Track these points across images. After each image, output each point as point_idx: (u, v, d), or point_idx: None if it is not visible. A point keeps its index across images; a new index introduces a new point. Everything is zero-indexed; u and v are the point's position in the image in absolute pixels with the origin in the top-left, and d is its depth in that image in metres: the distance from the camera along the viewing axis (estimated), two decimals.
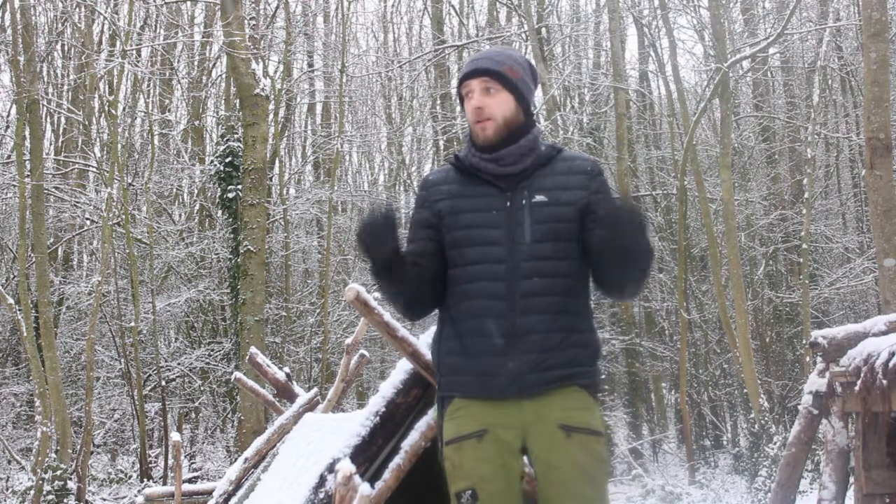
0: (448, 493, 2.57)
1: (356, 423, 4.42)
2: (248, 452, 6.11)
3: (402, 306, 2.60)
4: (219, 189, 16.35)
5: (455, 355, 2.54)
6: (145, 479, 15.08)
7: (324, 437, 4.98)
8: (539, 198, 2.52)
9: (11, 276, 18.29)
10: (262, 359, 6.45)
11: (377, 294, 4.75)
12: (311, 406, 6.07)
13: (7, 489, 15.47)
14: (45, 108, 18.48)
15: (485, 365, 2.47)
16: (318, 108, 24.37)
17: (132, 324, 15.61)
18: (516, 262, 2.48)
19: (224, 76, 21.43)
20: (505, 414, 2.48)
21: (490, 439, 2.48)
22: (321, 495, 4.26)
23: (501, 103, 2.58)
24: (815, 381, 5.77)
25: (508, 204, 2.53)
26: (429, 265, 2.55)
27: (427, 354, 4.41)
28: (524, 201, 2.53)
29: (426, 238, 2.59)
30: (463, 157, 2.63)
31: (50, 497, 12.97)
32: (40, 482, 13.08)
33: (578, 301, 2.53)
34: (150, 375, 17.22)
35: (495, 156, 2.56)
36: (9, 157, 18.45)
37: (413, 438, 4.35)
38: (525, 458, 2.56)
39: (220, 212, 17.58)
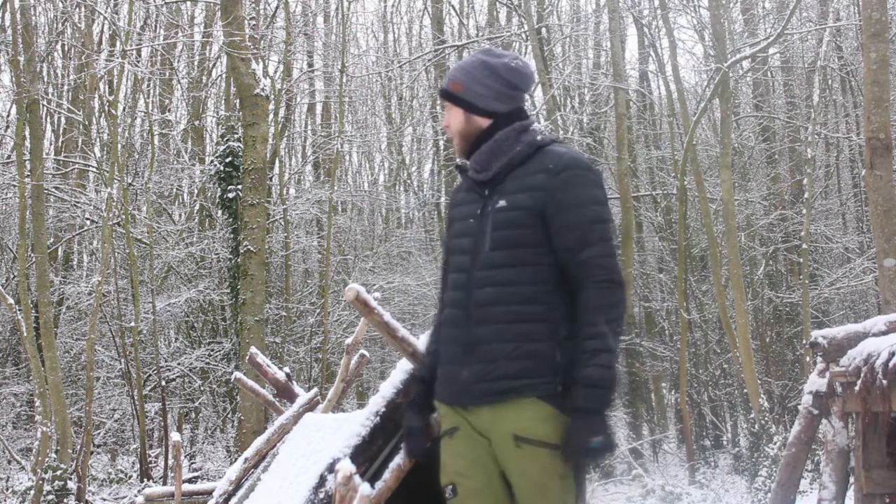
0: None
1: (356, 423, 4.41)
2: (248, 452, 6.10)
3: None
4: (219, 189, 16.35)
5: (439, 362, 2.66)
6: (145, 479, 15.08)
7: (324, 437, 4.98)
8: (501, 203, 2.48)
9: (11, 276, 18.29)
10: (262, 359, 6.44)
11: (377, 294, 4.76)
12: (311, 406, 6.06)
13: (7, 489, 15.47)
14: (45, 108, 18.47)
15: (448, 372, 2.55)
16: (318, 108, 24.36)
17: (132, 324, 15.61)
18: (474, 271, 2.47)
19: (224, 76, 21.43)
20: (469, 417, 2.53)
21: (461, 436, 2.52)
22: (321, 495, 4.26)
23: (453, 118, 2.63)
24: (815, 381, 5.77)
25: (479, 211, 2.52)
26: None
27: None
28: (489, 208, 2.50)
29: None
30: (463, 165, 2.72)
31: (50, 497, 12.97)
32: (40, 482, 13.08)
33: (539, 308, 2.42)
34: (150, 375, 17.22)
35: (465, 164, 2.64)
36: (9, 157, 18.44)
37: None
38: None
39: (220, 212, 17.58)
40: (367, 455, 4.32)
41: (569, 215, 2.42)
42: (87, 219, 19.09)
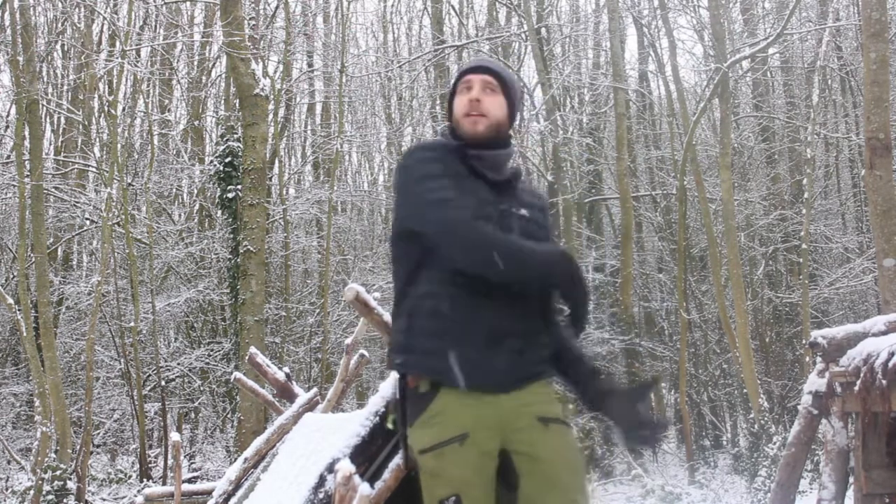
0: None
1: (356, 423, 4.42)
2: (248, 452, 6.11)
3: None
4: (218, 189, 16.35)
5: (437, 339, 2.50)
6: (145, 479, 15.08)
7: (324, 437, 4.98)
8: (523, 212, 2.58)
9: (11, 276, 18.29)
10: (261, 359, 6.45)
11: (377, 294, 4.76)
12: (310, 406, 6.06)
13: (7, 489, 15.48)
14: (44, 108, 18.48)
15: (478, 355, 2.50)
16: (318, 108, 24.37)
17: (132, 324, 15.61)
18: None
19: (224, 76, 21.44)
20: (484, 414, 2.46)
21: (471, 443, 2.45)
22: (321, 495, 4.26)
23: (499, 105, 2.58)
24: (814, 381, 5.77)
25: (502, 207, 2.54)
26: None
27: None
28: (512, 210, 2.56)
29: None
30: (459, 146, 2.56)
31: (50, 497, 12.97)
32: (40, 482, 13.08)
33: (541, 315, 2.59)
34: (149, 375, 17.22)
35: (479, 154, 2.53)
36: (8, 157, 18.45)
37: None
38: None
39: (219, 212, 17.58)
40: (367, 455, 4.33)
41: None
42: (87, 219, 19.09)
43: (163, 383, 16.42)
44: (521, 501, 2.51)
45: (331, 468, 4.21)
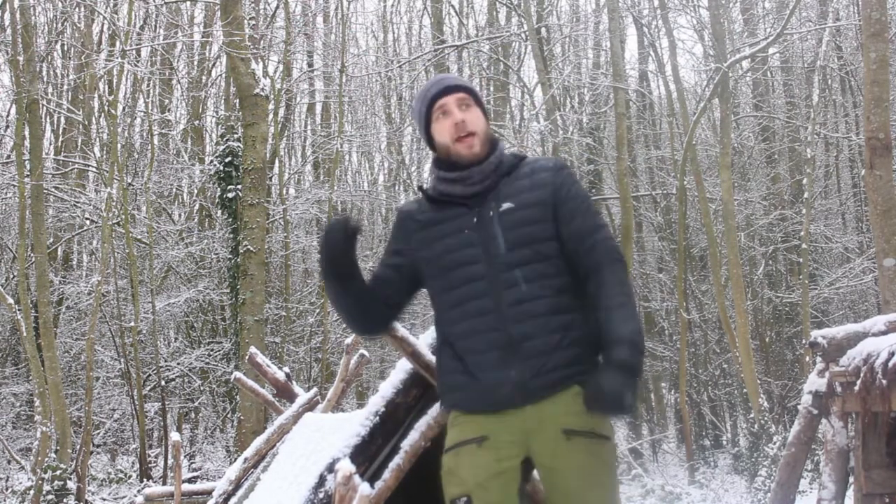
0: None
1: (356, 423, 4.41)
2: (248, 452, 6.11)
3: (345, 315, 2.68)
4: (218, 189, 16.35)
5: (455, 373, 2.52)
6: (145, 479, 15.09)
7: (324, 437, 4.98)
8: (506, 205, 2.51)
9: (11, 276, 18.29)
10: (261, 359, 6.45)
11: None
12: (310, 406, 6.06)
13: (7, 489, 15.48)
14: (44, 108, 18.48)
15: (486, 380, 2.45)
16: (318, 108, 24.37)
17: (132, 324, 15.61)
18: (496, 274, 2.46)
19: (224, 76, 21.44)
20: (506, 423, 2.45)
21: (489, 446, 2.45)
22: (321, 495, 4.26)
23: (478, 118, 2.59)
24: (814, 381, 5.77)
25: (475, 220, 2.51)
26: (384, 291, 2.63)
27: (427, 354, 4.41)
28: (491, 213, 2.51)
29: (391, 265, 2.64)
30: (430, 188, 2.63)
31: (50, 497, 12.97)
32: (40, 482, 13.08)
33: (572, 297, 2.48)
34: (149, 375, 17.22)
35: (464, 174, 2.54)
36: (8, 157, 18.45)
37: (413, 438, 4.35)
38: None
39: (219, 212, 17.59)
40: (367, 455, 4.32)
41: (576, 203, 2.53)
42: (87, 219, 19.09)
43: (163, 383, 16.42)
44: None
45: (331, 468, 4.21)
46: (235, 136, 16.01)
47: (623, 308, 2.39)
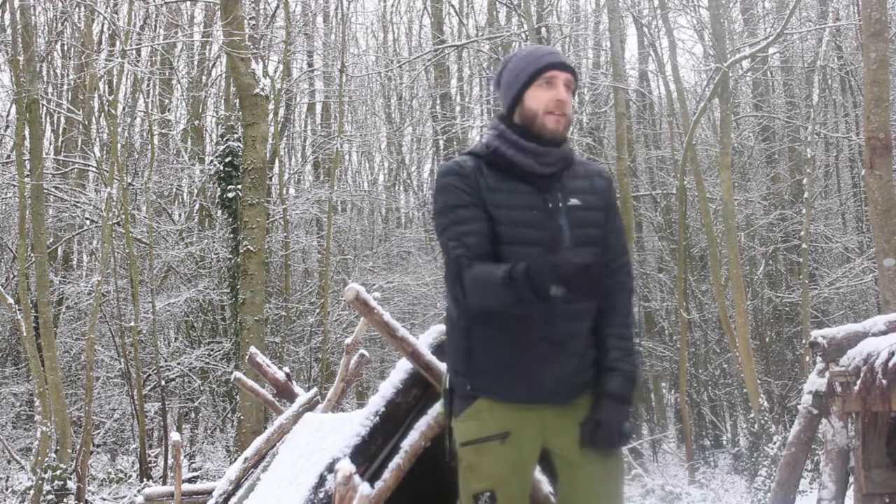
0: (450, 493, 2.57)
1: (356, 423, 4.42)
2: (248, 452, 6.11)
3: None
4: (219, 189, 16.35)
5: (494, 357, 2.46)
6: (145, 479, 15.09)
7: (324, 436, 4.98)
8: (573, 201, 2.50)
9: (11, 276, 18.29)
10: (261, 359, 6.45)
11: (377, 294, 4.75)
12: (310, 406, 6.07)
13: (7, 489, 15.48)
14: (44, 108, 18.48)
15: (530, 369, 2.43)
16: (318, 107, 24.37)
17: (132, 324, 15.61)
18: None
19: (224, 76, 21.43)
20: (530, 418, 2.47)
21: (512, 442, 2.46)
22: (321, 495, 4.26)
23: (571, 105, 2.61)
24: (814, 381, 5.77)
25: (549, 205, 2.47)
26: (490, 251, 2.44)
27: (427, 354, 4.41)
28: (561, 204, 2.49)
29: (480, 219, 2.44)
30: (494, 150, 2.51)
31: (50, 497, 12.97)
32: (40, 482, 13.09)
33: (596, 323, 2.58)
34: (149, 375, 17.22)
35: (542, 150, 2.49)
36: (8, 157, 18.45)
37: (413, 438, 4.35)
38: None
39: (219, 212, 17.58)
40: (367, 455, 4.33)
41: (618, 220, 2.63)
42: (87, 219, 19.09)
43: (163, 383, 16.42)
44: (559, 502, 2.56)
45: (331, 468, 4.21)
46: (235, 136, 16.01)
47: (626, 341, 2.51)
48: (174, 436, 7.28)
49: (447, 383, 2.59)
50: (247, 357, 6.55)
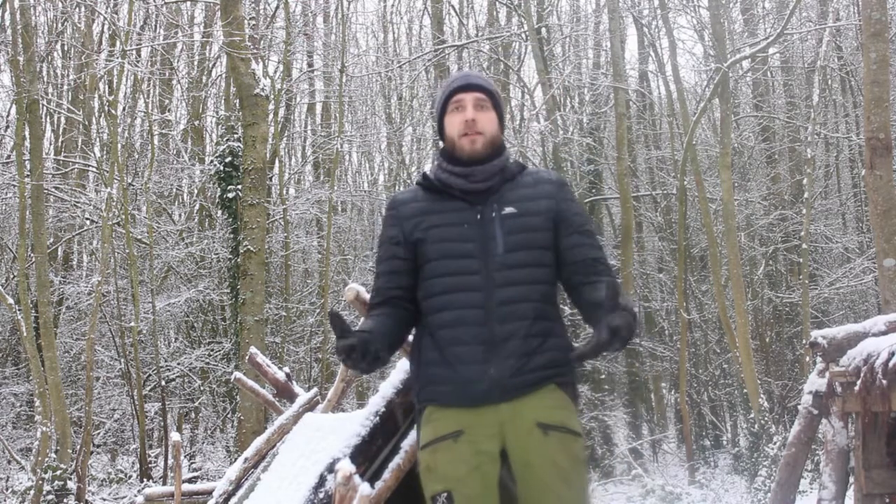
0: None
1: (356, 423, 4.42)
2: (248, 452, 6.11)
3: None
4: (219, 189, 16.35)
5: (434, 365, 2.56)
6: (145, 479, 15.09)
7: (324, 437, 4.98)
8: (508, 210, 2.59)
9: (11, 276, 18.29)
10: (261, 359, 6.45)
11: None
12: (311, 406, 6.06)
13: (7, 489, 15.48)
14: (44, 108, 18.48)
15: (465, 373, 2.50)
16: (318, 108, 24.36)
17: (132, 324, 15.61)
18: (490, 272, 2.53)
19: (224, 76, 21.43)
20: (482, 418, 2.49)
21: (465, 440, 2.48)
22: (321, 495, 4.26)
23: (491, 121, 2.67)
24: (814, 381, 5.77)
25: (479, 217, 2.59)
26: (402, 281, 2.63)
27: None
28: (494, 214, 2.59)
29: (395, 257, 2.66)
30: (432, 175, 2.69)
31: (50, 497, 12.97)
32: (40, 482, 13.08)
33: (553, 306, 2.61)
34: (149, 375, 17.22)
35: (468, 171, 2.62)
36: (9, 157, 18.45)
37: (413, 438, 4.35)
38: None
39: (219, 212, 17.58)
40: (367, 455, 4.33)
41: (579, 219, 2.66)
42: (87, 219, 19.09)
43: (163, 383, 16.42)
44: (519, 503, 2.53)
45: (331, 468, 4.21)
46: (235, 136, 16.01)
47: (619, 294, 2.40)
48: (174, 436, 7.28)
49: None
50: (247, 357, 6.55)
